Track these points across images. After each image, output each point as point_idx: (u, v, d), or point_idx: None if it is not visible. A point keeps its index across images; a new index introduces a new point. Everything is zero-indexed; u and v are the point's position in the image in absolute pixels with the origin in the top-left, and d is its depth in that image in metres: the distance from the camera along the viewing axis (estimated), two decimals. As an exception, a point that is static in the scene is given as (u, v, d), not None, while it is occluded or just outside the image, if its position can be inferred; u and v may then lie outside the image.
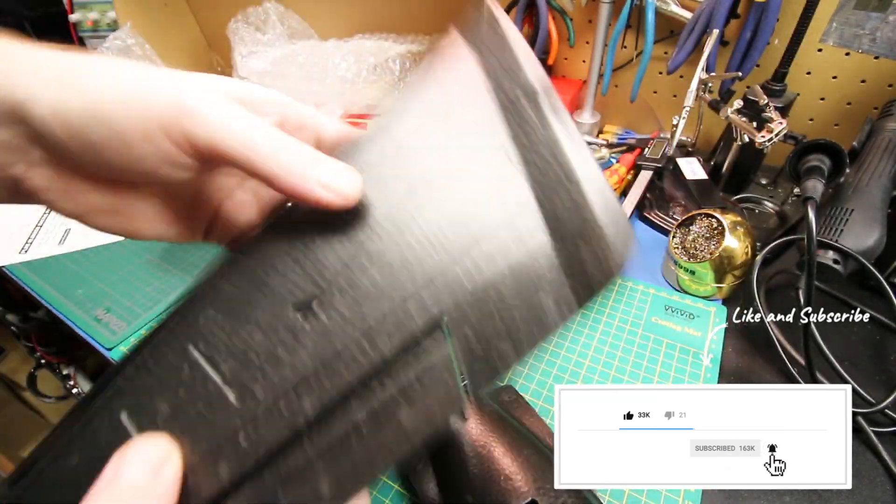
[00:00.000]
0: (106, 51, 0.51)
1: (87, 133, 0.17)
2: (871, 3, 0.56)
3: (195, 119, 0.17)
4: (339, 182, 0.18)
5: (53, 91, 0.17)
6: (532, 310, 0.16)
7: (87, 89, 0.17)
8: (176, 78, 0.18)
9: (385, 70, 0.61)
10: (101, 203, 0.20)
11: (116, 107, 0.17)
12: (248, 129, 0.17)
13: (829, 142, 0.45)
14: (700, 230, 0.50)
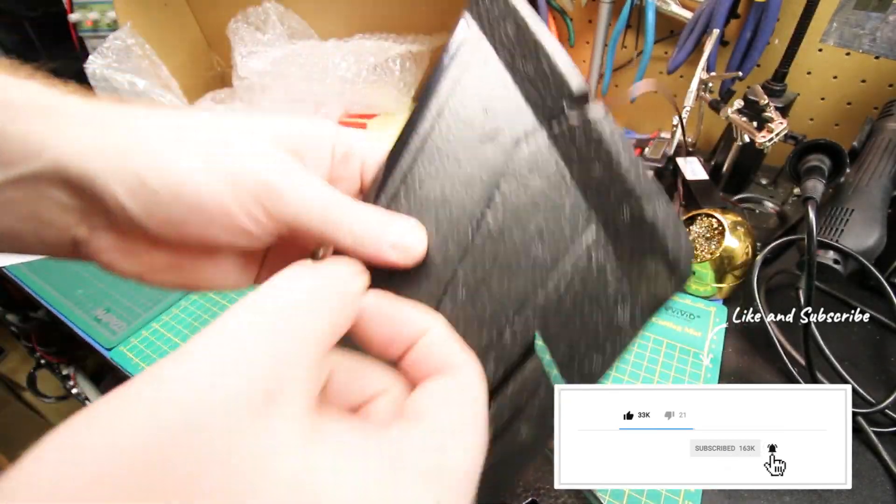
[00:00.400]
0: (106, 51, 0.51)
1: (166, 211, 0.17)
2: (871, 3, 0.56)
3: (276, 198, 0.18)
4: (406, 242, 0.19)
5: (127, 167, 0.16)
6: (611, 325, 0.17)
7: (165, 167, 0.17)
8: (246, 142, 0.18)
9: (385, 70, 0.61)
10: (164, 262, 0.20)
11: (197, 186, 0.17)
12: (325, 206, 0.18)
13: (829, 142, 0.45)
14: (700, 230, 0.50)
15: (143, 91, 0.51)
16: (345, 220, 0.18)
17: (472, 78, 0.20)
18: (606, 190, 0.17)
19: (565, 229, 0.18)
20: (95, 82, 0.51)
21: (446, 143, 0.20)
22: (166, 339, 0.49)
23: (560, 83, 0.18)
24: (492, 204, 0.19)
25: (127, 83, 0.51)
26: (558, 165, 0.18)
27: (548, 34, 0.18)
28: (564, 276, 0.18)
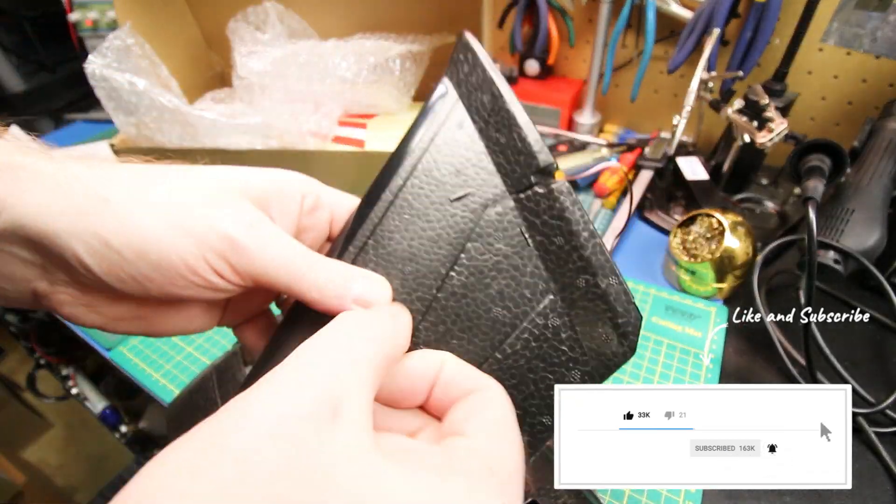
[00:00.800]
0: (105, 50, 0.51)
1: (128, 269, 0.17)
2: (871, 3, 0.56)
3: (241, 254, 0.18)
4: (369, 297, 0.19)
5: (88, 226, 0.16)
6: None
7: (128, 227, 0.17)
8: (210, 196, 0.18)
9: (385, 70, 0.61)
10: (126, 313, 0.20)
11: (161, 244, 0.17)
12: (289, 261, 0.19)
13: (829, 142, 0.45)
14: (700, 230, 0.50)
15: (142, 91, 0.51)
16: (309, 275, 0.19)
17: (446, 139, 0.21)
18: (565, 260, 0.19)
19: (525, 293, 0.19)
20: (95, 82, 0.51)
21: (417, 199, 0.21)
22: (165, 339, 0.49)
23: (529, 155, 0.19)
24: (457, 263, 0.20)
25: (127, 83, 0.50)
26: (522, 232, 0.20)
27: (520, 108, 0.20)
28: (521, 338, 0.19)
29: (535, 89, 0.78)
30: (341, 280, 0.19)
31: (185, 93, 0.57)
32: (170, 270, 0.17)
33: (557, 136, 0.78)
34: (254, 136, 0.55)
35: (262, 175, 0.21)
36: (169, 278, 0.18)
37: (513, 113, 0.19)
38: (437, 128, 0.21)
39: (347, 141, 0.61)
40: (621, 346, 0.18)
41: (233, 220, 0.18)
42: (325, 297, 0.19)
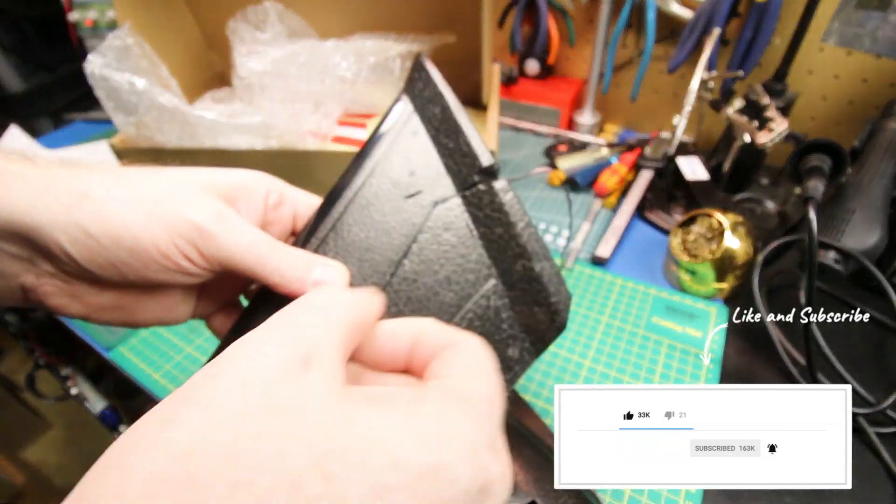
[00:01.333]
0: (105, 50, 0.51)
1: (107, 255, 0.19)
2: (871, 3, 0.56)
3: (208, 240, 0.20)
4: (328, 280, 0.21)
5: (70, 218, 0.18)
6: (503, 361, 0.21)
7: (106, 216, 0.19)
8: (180, 191, 0.20)
9: (385, 70, 0.61)
10: (107, 302, 0.22)
11: (137, 232, 0.19)
12: (253, 247, 0.21)
13: (830, 141, 0.45)
14: (701, 230, 0.50)
15: (142, 91, 0.51)
16: (272, 260, 0.21)
17: (402, 145, 0.24)
18: (504, 247, 0.22)
19: (470, 278, 0.22)
20: (94, 82, 0.50)
21: (375, 197, 0.24)
22: (165, 339, 0.49)
23: (473, 158, 0.22)
24: (409, 253, 0.23)
25: (126, 83, 0.50)
26: (468, 225, 0.23)
27: (466, 118, 0.23)
28: (466, 317, 0.22)
29: (535, 89, 0.78)
30: (302, 265, 0.21)
31: (185, 93, 0.57)
32: (144, 256, 0.19)
33: (557, 136, 0.78)
34: (254, 136, 0.55)
35: (229, 173, 0.23)
36: (144, 263, 0.19)
37: (459, 122, 0.23)
38: (394, 135, 0.24)
39: (347, 141, 0.61)
40: (553, 322, 0.21)
41: (200, 210, 0.20)
42: (287, 280, 0.21)
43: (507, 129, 0.82)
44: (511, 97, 0.80)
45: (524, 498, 0.30)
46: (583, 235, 0.59)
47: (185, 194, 0.20)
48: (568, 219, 0.63)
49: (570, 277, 0.54)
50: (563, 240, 0.60)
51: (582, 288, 0.53)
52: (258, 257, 0.20)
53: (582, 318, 0.49)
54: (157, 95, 0.51)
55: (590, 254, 0.57)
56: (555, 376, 0.44)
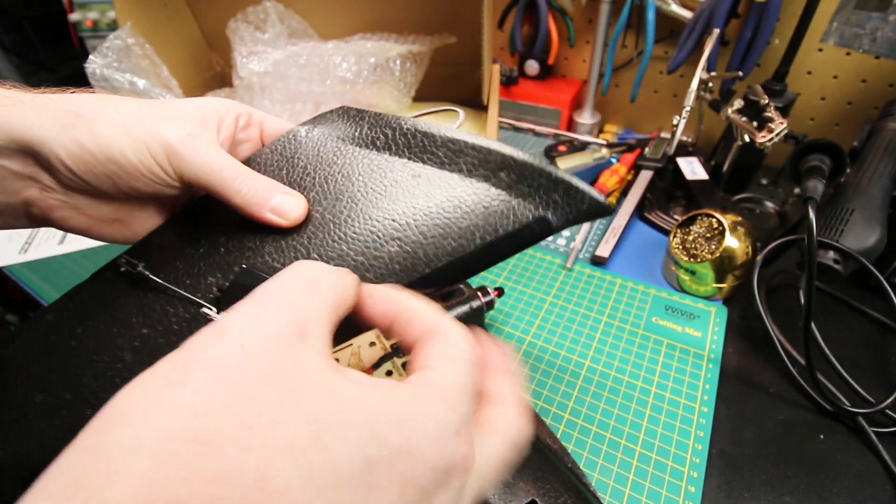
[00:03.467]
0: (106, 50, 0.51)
1: (100, 168, 0.22)
2: (871, 3, 0.56)
3: (178, 158, 0.23)
4: (285, 208, 0.23)
5: (67, 134, 0.21)
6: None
7: (98, 134, 0.22)
8: (161, 115, 0.23)
9: (385, 70, 0.61)
10: (106, 215, 0.25)
11: (123, 148, 0.22)
12: (218, 168, 0.23)
13: (829, 142, 0.45)
14: (700, 230, 0.50)
15: (143, 90, 0.51)
16: (235, 182, 0.23)
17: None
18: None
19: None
20: (95, 82, 0.51)
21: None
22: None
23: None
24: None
25: (127, 83, 0.50)
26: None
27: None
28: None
29: (535, 89, 0.78)
30: (263, 189, 0.23)
31: (186, 93, 0.57)
32: (129, 168, 0.22)
33: (557, 136, 0.78)
34: (254, 137, 0.55)
35: (201, 100, 0.26)
36: (130, 175, 0.22)
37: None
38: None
39: (347, 141, 0.61)
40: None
41: (172, 131, 0.23)
42: (247, 202, 0.23)
43: (507, 129, 0.82)
44: (511, 97, 0.80)
45: (524, 498, 0.30)
46: (583, 235, 0.59)
47: (163, 116, 0.23)
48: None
49: (569, 277, 0.54)
50: (563, 240, 0.60)
51: (582, 288, 0.53)
52: (222, 178, 0.23)
53: (582, 318, 0.49)
54: (157, 95, 0.51)
55: (590, 254, 0.57)
56: (555, 376, 0.44)
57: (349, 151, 0.26)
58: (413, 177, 0.24)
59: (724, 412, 0.41)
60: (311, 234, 0.23)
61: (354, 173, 0.25)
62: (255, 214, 0.23)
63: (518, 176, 0.22)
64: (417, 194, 0.23)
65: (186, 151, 0.23)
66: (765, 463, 0.37)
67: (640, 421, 0.40)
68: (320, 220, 0.24)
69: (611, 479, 0.36)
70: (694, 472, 0.36)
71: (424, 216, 0.22)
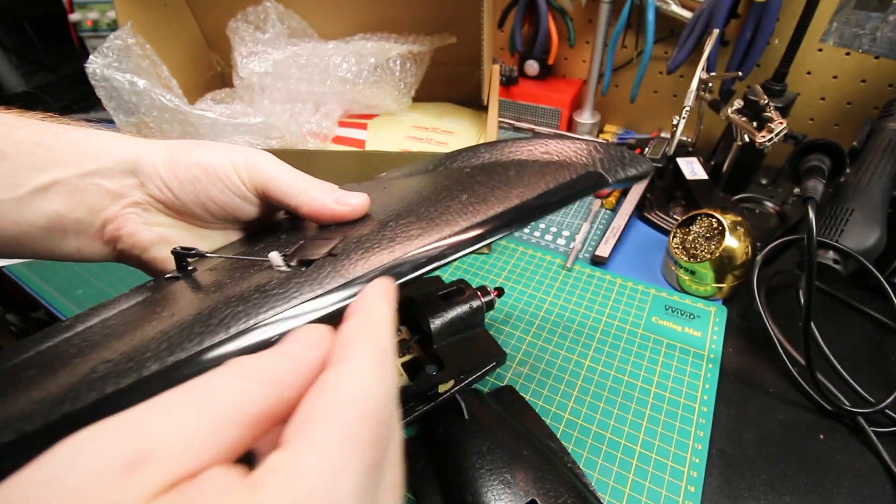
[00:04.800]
0: (106, 50, 0.51)
1: (186, 172, 0.26)
2: (871, 3, 0.56)
3: (258, 167, 0.26)
4: (346, 197, 0.26)
5: (167, 153, 0.26)
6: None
7: (190, 148, 0.26)
8: (244, 146, 0.27)
9: (386, 70, 0.61)
10: (171, 236, 0.27)
11: (210, 157, 0.26)
12: (288, 174, 0.27)
13: (829, 142, 0.45)
14: (700, 230, 0.50)
15: (143, 91, 0.51)
16: (301, 185, 0.26)
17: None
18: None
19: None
20: (96, 82, 0.51)
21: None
22: (166, 339, 0.49)
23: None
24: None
25: (127, 83, 0.50)
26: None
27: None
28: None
29: (535, 89, 0.78)
30: (326, 188, 0.26)
31: (186, 93, 0.57)
32: (212, 173, 0.26)
33: (557, 136, 0.78)
34: (254, 137, 0.55)
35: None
36: (211, 180, 0.26)
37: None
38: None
39: (348, 141, 0.61)
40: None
41: (253, 152, 0.27)
42: (310, 198, 0.26)
43: (507, 129, 0.82)
44: (511, 97, 0.80)
45: (524, 498, 0.30)
46: (582, 235, 0.59)
47: (246, 147, 0.28)
48: (568, 219, 0.63)
49: (569, 277, 0.54)
50: (562, 240, 0.60)
51: (582, 288, 0.53)
52: (289, 182, 0.26)
53: (582, 318, 0.49)
54: (157, 95, 0.51)
55: (590, 254, 0.57)
56: (555, 376, 0.44)
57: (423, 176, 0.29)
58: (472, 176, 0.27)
59: (724, 412, 0.41)
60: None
61: (434, 184, 0.27)
62: (318, 207, 0.26)
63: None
64: (481, 181, 0.25)
65: (264, 162, 0.26)
66: (765, 463, 0.37)
67: (639, 421, 0.40)
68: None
69: (611, 479, 0.36)
70: (694, 472, 0.37)
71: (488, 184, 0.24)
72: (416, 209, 0.24)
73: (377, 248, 0.20)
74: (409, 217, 0.23)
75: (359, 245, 0.21)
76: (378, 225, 0.23)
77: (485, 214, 0.21)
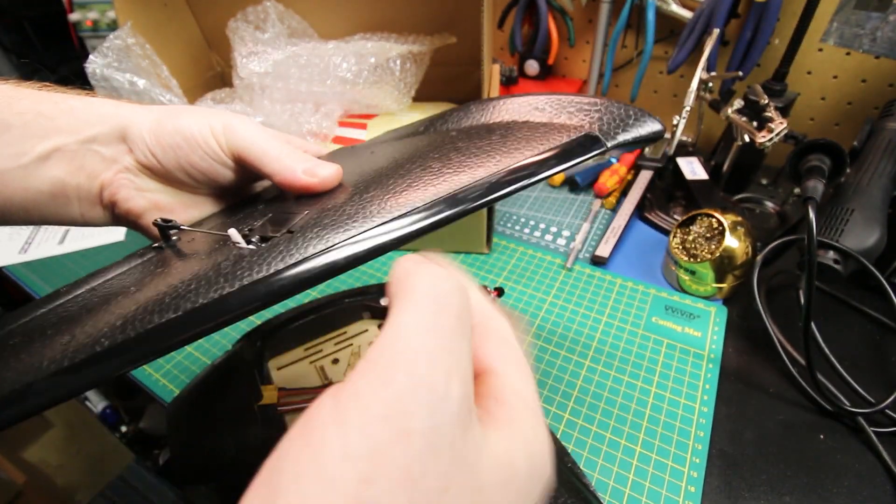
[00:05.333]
0: (106, 50, 0.51)
1: (169, 139, 0.26)
2: (871, 3, 0.56)
3: (234, 132, 0.26)
4: (317, 169, 0.25)
5: (153, 117, 0.26)
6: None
7: (174, 114, 0.27)
8: (225, 111, 0.28)
9: (386, 70, 0.61)
10: (163, 201, 0.28)
11: (190, 123, 0.26)
12: (262, 141, 0.26)
13: (829, 142, 0.45)
14: (700, 230, 0.50)
15: (143, 90, 0.51)
16: (274, 152, 0.26)
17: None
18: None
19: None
20: (95, 81, 0.51)
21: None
22: (166, 339, 0.49)
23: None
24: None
25: (127, 83, 0.50)
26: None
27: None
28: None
29: (535, 89, 0.78)
30: (299, 157, 0.26)
31: (186, 93, 0.57)
32: (191, 140, 0.26)
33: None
34: (254, 137, 0.55)
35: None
36: (191, 147, 0.26)
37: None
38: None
39: (348, 141, 0.61)
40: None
41: (232, 117, 0.27)
42: (282, 165, 0.26)
43: (507, 129, 0.82)
44: (511, 97, 0.80)
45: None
46: (583, 235, 0.59)
47: (228, 112, 0.28)
48: (568, 219, 0.63)
49: (569, 277, 0.54)
50: (562, 240, 0.60)
51: (582, 288, 0.53)
52: (263, 147, 0.26)
53: (582, 318, 0.49)
54: (157, 95, 0.51)
55: (590, 254, 0.57)
56: (555, 376, 0.44)
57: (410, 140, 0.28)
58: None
59: (724, 412, 0.41)
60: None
61: (414, 148, 0.26)
62: (289, 176, 0.25)
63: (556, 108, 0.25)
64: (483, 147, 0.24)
65: (240, 126, 0.26)
66: (765, 463, 0.37)
67: (639, 421, 0.40)
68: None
69: (611, 479, 0.36)
70: (694, 472, 0.36)
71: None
72: (385, 180, 0.23)
73: (333, 226, 0.19)
74: (374, 189, 0.22)
75: (319, 221, 0.20)
76: (347, 196, 0.23)
77: (449, 188, 0.19)
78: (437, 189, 0.20)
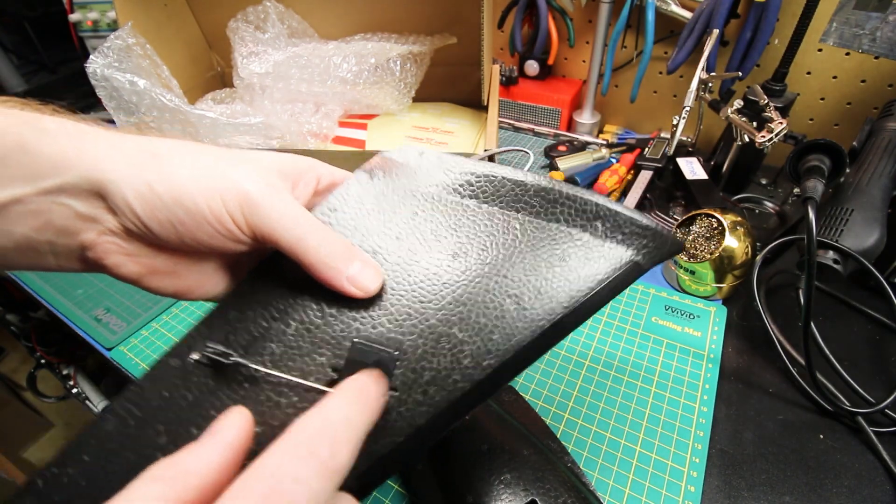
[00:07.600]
0: (106, 50, 0.51)
1: (167, 213, 0.21)
2: (871, 3, 0.56)
3: (256, 209, 0.21)
4: (362, 278, 0.21)
5: (138, 175, 0.20)
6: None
7: (169, 176, 0.20)
8: (239, 164, 0.22)
9: (386, 71, 0.61)
10: (160, 265, 0.23)
11: (193, 193, 0.20)
12: (296, 224, 0.21)
13: (829, 142, 0.45)
14: (700, 230, 0.50)
15: (143, 90, 0.51)
16: (312, 239, 0.21)
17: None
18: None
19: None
20: (96, 82, 0.51)
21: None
22: (166, 339, 0.49)
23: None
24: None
25: (127, 83, 0.51)
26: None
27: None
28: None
29: (535, 89, 0.78)
30: (342, 254, 0.21)
31: (186, 93, 0.57)
32: (198, 216, 0.21)
33: (557, 136, 0.78)
34: (254, 137, 0.55)
35: (285, 156, 0.24)
36: (197, 224, 0.21)
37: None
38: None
39: (348, 141, 0.61)
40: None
41: (251, 181, 0.21)
42: (322, 263, 0.21)
43: (506, 129, 0.82)
44: (511, 97, 0.80)
45: (524, 498, 0.30)
46: (583, 235, 0.59)
47: (242, 166, 0.22)
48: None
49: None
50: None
51: (582, 288, 0.53)
52: (298, 235, 0.21)
53: (582, 318, 0.49)
54: (158, 95, 0.51)
55: (590, 254, 0.57)
56: (554, 376, 0.44)
57: (430, 198, 0.25)
58: (512, 228, 0.23)
59: (724, 412, 0.41)
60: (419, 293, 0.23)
61: (444, 225, 0.24)
62: (331, 280, 0.21)
63: (612, 225, 0.23)
64: (523, 250, 0.23)
65: (265, 203, 0.21)
66: (765, 463, 0.37)
67: (639, 421, 0.40)
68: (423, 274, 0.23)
69: (611, 479, 0.37)
70: (694, 472, 0.37)
71: (534, 269, 0.22)
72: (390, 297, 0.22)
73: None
74: (374, 308, 0.22)
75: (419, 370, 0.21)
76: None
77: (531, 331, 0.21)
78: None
